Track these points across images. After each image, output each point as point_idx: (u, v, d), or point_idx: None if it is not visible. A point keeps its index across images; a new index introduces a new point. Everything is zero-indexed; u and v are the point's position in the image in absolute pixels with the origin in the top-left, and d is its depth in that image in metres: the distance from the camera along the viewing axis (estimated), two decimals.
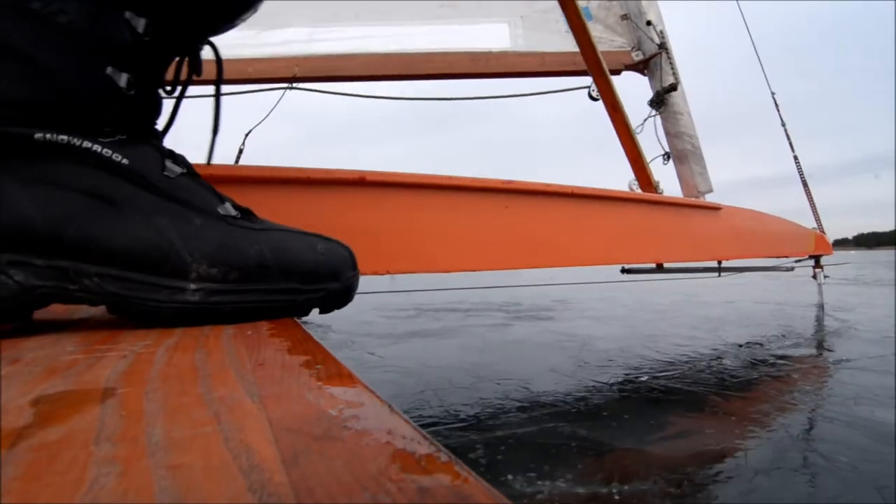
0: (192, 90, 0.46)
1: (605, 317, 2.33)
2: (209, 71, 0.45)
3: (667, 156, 1.71)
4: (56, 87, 0.35)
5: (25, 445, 0.14)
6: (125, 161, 0.36)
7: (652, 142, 1.72)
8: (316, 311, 0.42)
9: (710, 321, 2.08)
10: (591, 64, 1.32)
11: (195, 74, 0.43)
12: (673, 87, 1.66)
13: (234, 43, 1.61)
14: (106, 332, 0.34)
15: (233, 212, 0.40)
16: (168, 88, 0.44)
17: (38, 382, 0.21)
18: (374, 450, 0.14)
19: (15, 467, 0.13)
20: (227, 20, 0.43)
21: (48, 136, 0.34)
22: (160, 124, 0.43)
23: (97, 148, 0.36)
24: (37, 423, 0.16)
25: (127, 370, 0.23)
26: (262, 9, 0.45)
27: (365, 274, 0.81)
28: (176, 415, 0.17)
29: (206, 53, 0.45)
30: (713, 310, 2.49)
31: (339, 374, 0.22)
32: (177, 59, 0.43)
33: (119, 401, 0.18)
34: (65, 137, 0.35)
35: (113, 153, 0.36)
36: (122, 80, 0.37)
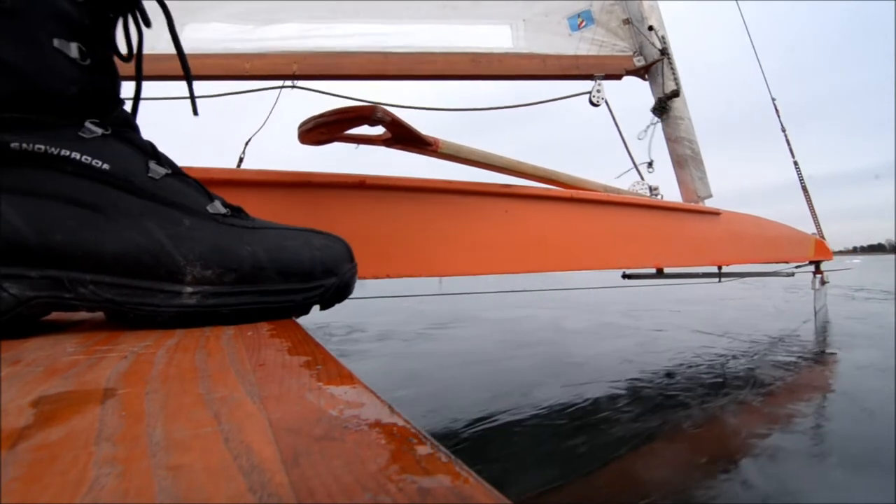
0: (180, 87, 0.45)
1: (427, 354, 1.80)
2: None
3: (650, 164, 1.70)
4: (10, 74, 0.33)
5: (26, 446, 0.14)
6: (106, 166, 0.36)
7: (646, 149, 1.72)
8: (316, 307, 0.42)
9: (547, 368, 1.51)
10: None
11: (145, 26, 0.41)
12: (675, 94, 1.66)
13: (229, 37, 1.60)
14: (106, 333, 0.34)
15: (223, 210, 0.40)
16: (125, 57, 0.42)
17: (39, 383, 0.21)
18: (374, 450, 0.14)
19: (15, 468, 0.13)
20: None
21: (24, 145, 0.33)
22: (127, 103, 0.42)
23: (76, 155, 0.35)
24: (37, 423, 0.16)
25: (127, 371, 0.23)
26: (260, 4, 0.44)
27: (365, 277, 0.82)
28: (176, 415, 0.17)
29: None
30: (610, 344, 1.92)
31: (339, 375, 0.22)
32: (122, 20, 0.41)
33: (119, 401, 0.18)
34: (41, 146, 0.34)
35: (93, 159, 0.35)
36: (73, 50, 0.36)
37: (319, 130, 0.75)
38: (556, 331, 2.33)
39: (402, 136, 0.84)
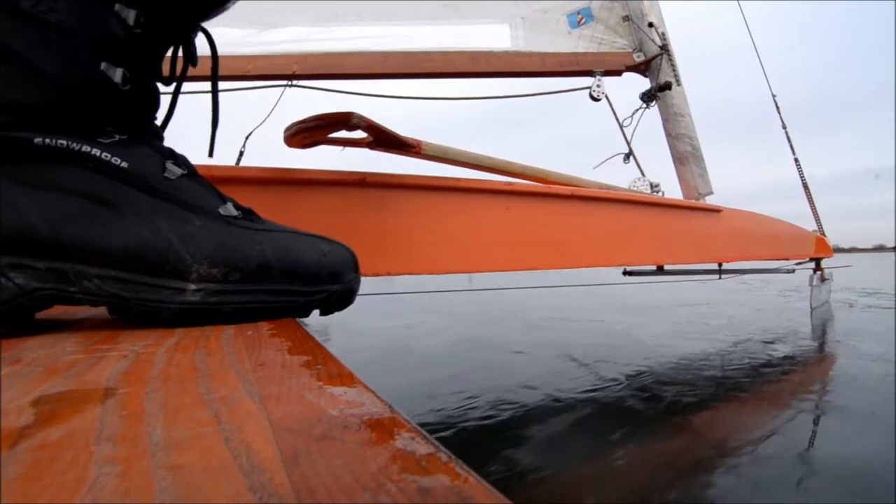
0: (194, 86, 0.46)
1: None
2: (206, 66, 0.44)
3: (627, 157, 1.70)
4: (52, 87, 0.35)
5: (26, 445, 0.14)
6: (124, 164, 0.36)
7: (646, 145, 1.71)
8: (316, 312, 0.42)
9: None
10: None
11: (191, 64, 0.43)
12: (667, 86, 1.66)
13: (234, 41, 1.62)
14: (107, 332, 0.34)
15: (234, 212, 0.40)
16: (165, 79, 0.43)
17: (39, 382, 0.21)
18: (374, 450, 0.14)
19: (15, 467, 0.13)
20: (218, 5, 0.43)
21: (47, 140, 0.34)
22: (159, 118, 0.43)
23: (96, 152, 0.36)
24: (37, 423, 0.16)
25: (127, 370, 0.23)
26: (264, 8, 0.45)
27: (365, 275, 0.82)
28: (176, 415, 0.17)
29: (202, 46, 0.44)
30: (403, 378, 1.37)
31: (339, 375, 0.22)
32: (171, 49, 0.43)
33: (120, 401, 0.18)
34: (63, 142, 0.35)
35: (112, 157, 0.36)
36: (118, 75, 0.37)
37: (302, 135, 0.77)
38: (388, 354, 1.74)
39: (383, 140, 0.86)
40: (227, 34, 1.61)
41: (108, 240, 0.35)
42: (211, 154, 0.49)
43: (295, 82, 1.66)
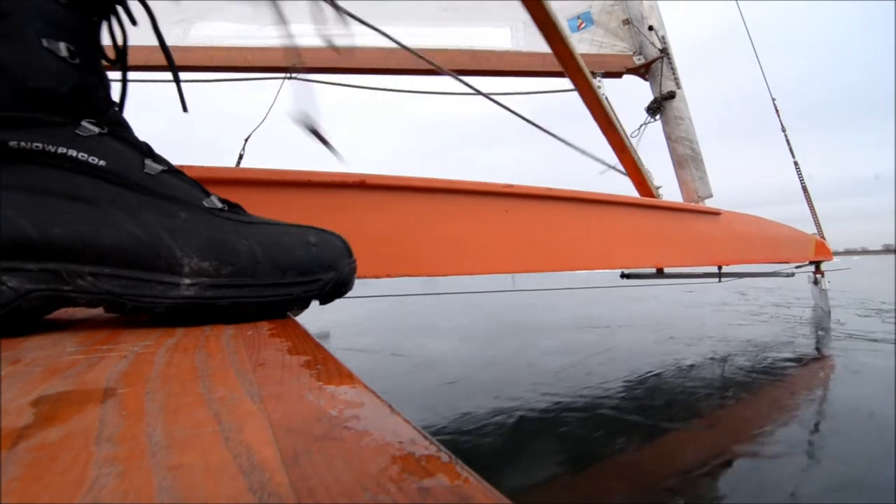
0: (183, 76, 0.44)
1: None
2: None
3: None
4: (4, 75, 0.34)
5: (26, 446, 0.14)
6: (102, 163, 0.36)
7: (646, 148, 1.73)
8: (315, 303, 0.42)
9: None
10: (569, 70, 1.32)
11: (132, 24, 0.42)
12: (672, 95, 1.66)
13: (236, 34, 1.62)
14: (106, 333, 0.34)
15: (219, 204, 0.40)
16: (112, 61, 0.42)
17: (39, 382, 0.21)
18: (374, 450, 0.14)
19: (15, 467, 0.13)
20: None
21: (22, 143, 0.34)
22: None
23: (72, 152, 0.35)
24: (37, 423, 0.16)
25: (127, 370, 0.23)
26: (267, 7, 0.44)
27: (365, 277, 0.82)
28: (176, 415, 0.17)
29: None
30: None
31: (339, 374, 0.22)
32: (106, 22, 0.42)
33: (119, 401, 0.18)
34: (39, 144, 0.34)
35: (89, 156, 0.36)
36: (62, 49, 0.36)
37: None
38: None
39: None
40: (229, 28, 1.61)
41: (98, 237, 0.35)
42: (184, 109, 0.47)
43: (294, 75, 1.65)
